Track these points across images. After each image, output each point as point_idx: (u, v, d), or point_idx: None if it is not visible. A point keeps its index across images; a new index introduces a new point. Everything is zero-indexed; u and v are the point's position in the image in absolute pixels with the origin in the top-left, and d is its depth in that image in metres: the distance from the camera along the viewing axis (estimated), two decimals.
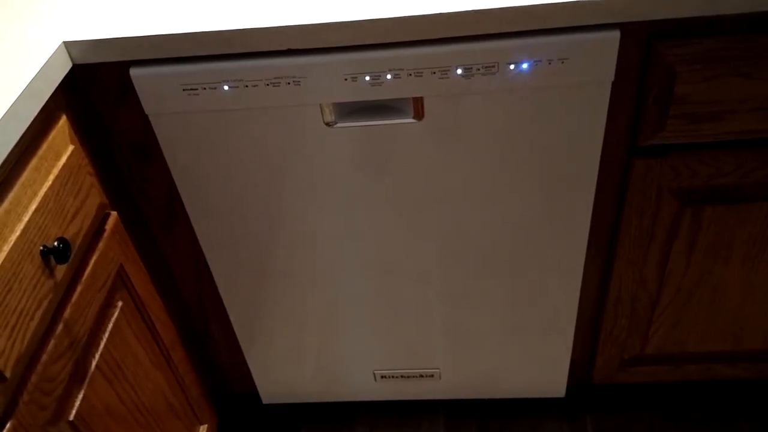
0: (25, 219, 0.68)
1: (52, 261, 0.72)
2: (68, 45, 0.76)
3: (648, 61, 0.77)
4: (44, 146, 0.73)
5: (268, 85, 0.79)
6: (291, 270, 1.01)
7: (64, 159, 0.76)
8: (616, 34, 0.74)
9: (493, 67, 0.76)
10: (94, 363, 0.80)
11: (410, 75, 0.77)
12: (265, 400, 1.26)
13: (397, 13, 0.73)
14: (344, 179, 0.89)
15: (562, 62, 0.76)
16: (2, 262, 0.64)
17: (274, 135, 0.84)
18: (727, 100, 0.79)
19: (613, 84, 0.80)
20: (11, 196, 0.67)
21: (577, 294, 1.02)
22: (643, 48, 0.77)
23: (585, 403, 1.26)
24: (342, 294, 1.04)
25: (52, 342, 0.72)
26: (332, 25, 0.74)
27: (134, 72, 0.79)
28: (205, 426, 1.14)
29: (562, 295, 1.02)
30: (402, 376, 1.18)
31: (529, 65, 0.76)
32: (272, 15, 0.75)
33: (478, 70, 0.76)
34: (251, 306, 1.07)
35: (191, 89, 0.80)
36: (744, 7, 0.71)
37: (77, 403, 0.76)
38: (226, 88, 0.79)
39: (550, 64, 0.76)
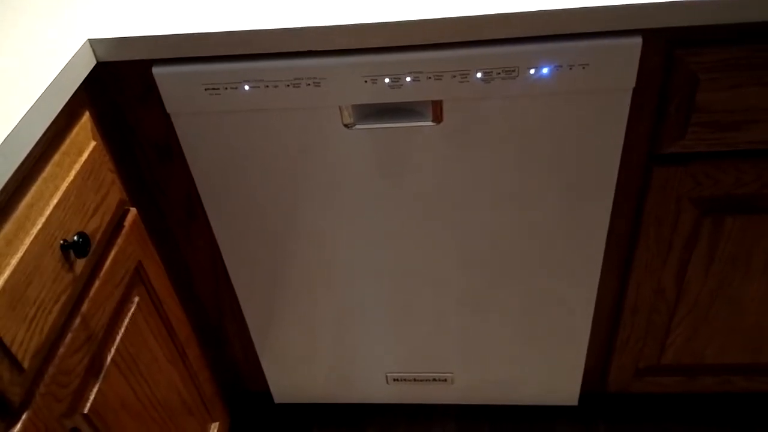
0: (47, 213, 0.69)
1: (72, 255, 0.73)
2: (93, 43, 0.77)
3: (670, 68, 0.77)
4: (67, 142, 0.74)
5: (288, 85, 0.79)
6: (307, 271, 1.01)
7: (85, 155, 0.77)
8: (637, 41, 0.74)
9: (513, 71, 0.76)
10: (109, 357, 0.81)
11: (430, 78, 0.77)
12: (278, 400, 1.26)
13: (417, 16, 0.73)
14: (362, 181, 0.89)
15: (583, 68, 0.75)
16: (23, 255, 0.65)
17: (294, 136, 0.85)
18: (750, 109, 0.78)
19: (634, 90, 0.79)
20: (34, 190, 0.68)
21: (593, 302, 1.01)
22: (665, 55, 0.76)
23: (599, 411, 1.25)
24: (356, 296, 1.04)
25: (69, 335, 0.73)
26: (353, 27, 0.74)
27: (156, 71, 0.80)
28: (218, 423, 1.15)
29: (577, 303, 1.02)
30: (414, 380, 1.18)
31: (549, 70, 0.76)
32: (293, 16, 0.76)
33: (498, 74, 0.76)
34: (266, 305, 1.07)
35: (212, 89, 0.80)
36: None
37: (92, 397, 0.77)
38: (246, 88, 0.80)
39: (570, 69, 0.76)
